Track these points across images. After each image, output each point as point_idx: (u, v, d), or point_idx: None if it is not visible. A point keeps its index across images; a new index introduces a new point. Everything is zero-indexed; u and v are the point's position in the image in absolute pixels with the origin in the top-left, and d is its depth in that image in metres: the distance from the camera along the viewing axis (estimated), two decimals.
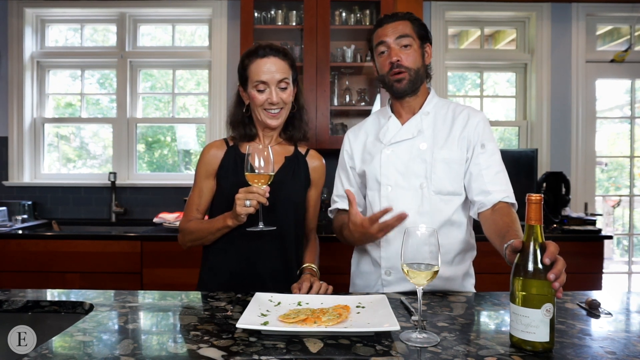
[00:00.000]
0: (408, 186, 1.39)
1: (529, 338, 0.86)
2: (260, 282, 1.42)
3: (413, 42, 1.39)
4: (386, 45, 1.40)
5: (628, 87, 3.41)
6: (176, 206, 3.17)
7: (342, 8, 2.98)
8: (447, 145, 1.39)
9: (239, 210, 1.25)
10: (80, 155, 3.50)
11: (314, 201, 1.56)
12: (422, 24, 1.43)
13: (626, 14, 3.28)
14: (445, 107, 1.46)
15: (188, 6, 3.24)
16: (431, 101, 1.46)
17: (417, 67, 1.39)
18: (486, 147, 1.37)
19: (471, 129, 1.39)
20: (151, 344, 0.91)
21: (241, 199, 1.25)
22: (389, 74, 1.39)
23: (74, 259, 2.55)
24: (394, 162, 1.41)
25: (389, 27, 1.39)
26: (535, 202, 0.89)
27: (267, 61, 1.40)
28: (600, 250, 2.64)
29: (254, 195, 1.24)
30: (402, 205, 1.37)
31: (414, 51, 1.39)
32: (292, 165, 1.50)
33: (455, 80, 3.54)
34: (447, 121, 1.42)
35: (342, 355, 0.85)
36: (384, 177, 1.42)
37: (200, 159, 1.49)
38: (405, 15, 1.42)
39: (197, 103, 3.48)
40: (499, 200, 1.31)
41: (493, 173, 1.35)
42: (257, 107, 1.42)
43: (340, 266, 1.63)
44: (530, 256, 0.88)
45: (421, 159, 1.39)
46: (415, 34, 1.40)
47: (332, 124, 3.01)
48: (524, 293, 0.87)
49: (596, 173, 3.33)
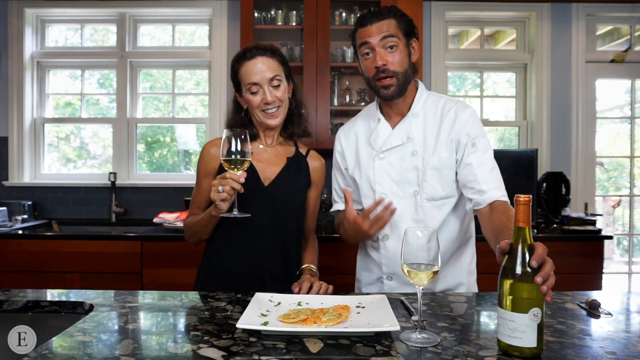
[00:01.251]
0: (402, 194, 1.39)
1: (516, 343, 0.83)
2: (260, 281, 1.42)
3: (399, 42, 1.32)
4: (370, 47, 1.32)
5: (628, 87, 3.41)
6: (176, 206, 3.17)
7: (342, 8, 2.98)
8: (436, 150, 1.36)
9: (212, 196, 1.23)
10: (80, 155, 3.50)
11: (313, 202, 1.56)
12: (408, 18, 1.36)
13: (626, 14, 3.28)
14: (435, 105, 1.41)
15: (188, 6, 3.24)
16: (420, 99, 1.41)
17: (404, 70, 1.33)
18: (477, 146, 1.33)
19: (460, 128, 1.35)
20: (151, 344, 0.91)
21: (216, 185, 1.23)
22: (374, 78, 1.34)
23: (74, 259, 2.55)
24: (388, 170, 1.40)
25: (372, 27, 1.31)
26: (524, 203, 0.86)
27: (255, 62, 1.39)
28: (600, 250, 2.64)
29: (226, 181, 1.21)
30: (397, 213, 1.37)
31: (400, 52, 1.32)
32: (293, 166, 1.50)
33: (455, 80, 3.54)
34: (436, 121, 1.38)
35: (342, 355, 0.85)
36: (379, 185, 1.41)
37: (200, 158, 1.49)
38: (389, 11, 1.33)
39: (197, 103, 3.48)
40: (495, 200, 1.29)
41: (487, 171, 1.32)
42: (254, 109, 1.42)
43: (340, 266, 1.63)
44: (518, 259, 0.85)
45: (413, 167, 1.37)
46: (401, 31, 1.33)
47: (332, 124, 3.01)
48: (510, 297, 0.84)
49: (596, 173, 3.34)
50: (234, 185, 1.21)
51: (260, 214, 1.41)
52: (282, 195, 1.44)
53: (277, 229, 1.44)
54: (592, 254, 2.63)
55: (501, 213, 1.24)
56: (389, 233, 1.41)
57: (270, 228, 1.43)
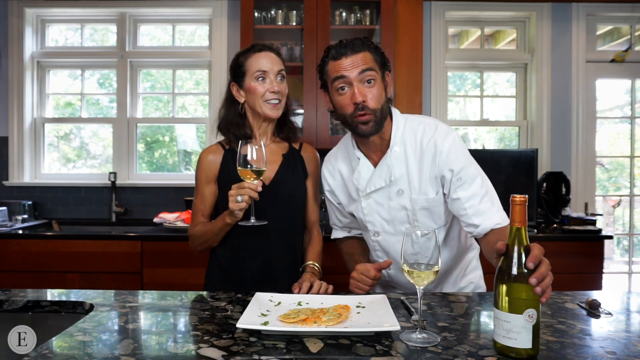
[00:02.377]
0: (395, 232, 1.38)
1: (510, 344, 0.83)
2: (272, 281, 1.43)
3: (376, 75, 1.26)
4: (347, 81, 1.24)
5: (628, 87, 3.41)
6: (176, 206, 3.16)
7: (342, 8, 2.98)
8: (422, 189, 1.32)
9: (232, 206, 1.26)
10: (80, 155, 3.50)
11: (312, 192, 1.56)
12: (381, 51, 1.30)
13: (626, 14, 3.28)
14: (413, 135, 1.33)
15: (188, 6, 3.24)
16: (397, 131, 1.33)
17: (381, 106, 1.27)
18: (463, 179, 1.27)
19: (442, 165, 1.28)
20: (151, 344, 0.91)
21: (233, 195, 1.26)
22: (353, 115, 1.26)
23: (74, 259, 2.55)
24: (377, 210, 1.37)
25: (347, 60, 1.24)
26: (520, 203, 0.85)
27: (264, 55, 1.44)
28: (601, 250, 2.64)
29: (245, 191, 1.24)
30: (393, 248, 1.39)
31: (377, 87, 1.26)
32: (289, 162, 1.51)
33: (455, 80, 3.54)
34: (416, 155, 1.32)
35: (342, 355, 0.85)
36: (370, 224, 1.40)
37: (198, 166, 1.50)
38: (363, 44, 1.26)
39: (197, 103, 3.48)
40: (490, 229, 1.25)
41: (477, 204, 1.26)
42: (258, 98, 1.42)
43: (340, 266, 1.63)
44: (514, 260, 0.84)
45: (401, 206, 1.34)
46: (377, 64, 1.27)
47: (332, 124, 3.01)
48: (506, 297, 0.83)
49: (596, 173, 3.33)
50: (252, 194, 1.24)
51: (266, 214, 1.42)
52: (285, 192, 1.46)
53: (284, 227, 1.46)
54: (592, 254, 2.63)
55: (498, 233, 1.23)
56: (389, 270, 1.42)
57: (277, 226, 1.44)
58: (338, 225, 1.57)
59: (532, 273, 0.83)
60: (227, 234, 1.43)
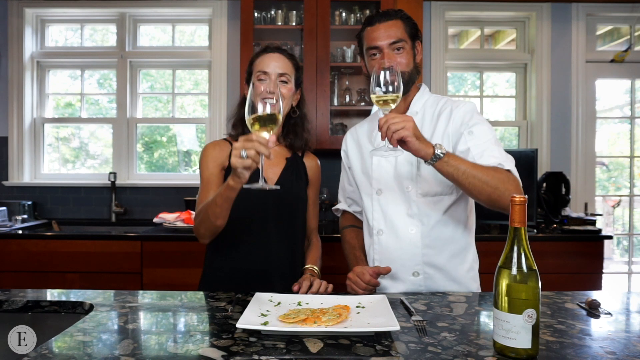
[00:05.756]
0: (397, 188, 1.41)
1: (510, 344, 0.82)
2: (269, 282, 1.40)
3: (406, 45, 1.38)
4: (379, 49, 1.38)
5: (628, 87, 3.41)
6: (176, 206, 3.16)
7: (342, 8, 2.98)
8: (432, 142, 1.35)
9: (233, 161, 1.05)
10: (80, 156, 3.50)
11: (313, 200, 1.58)
12: (413, 22, 1.42)
13: (626, 14, 3.28)
14: (434, 105, 1.44)
15: (188, 6, 3.24)
16: (420, 99, 1.45)
17: (410, 70, 1.39)
18: (474, 133, 1.31)
19: (456, 120, 1.35)
20: (151, 344, 0.91)
21: (238, 148, 1.03)
22: None
23: (74, 259, 2.55)
24: (384, 165, 1.44)
25: (381, 29, 1.37)
26: (519, 203, 0.85)
27: (272, 56, 1.46)
28: (600, 250, 2.64)
29: (252, 144, 1.02)
30: (392, 209, 1.41)
31: (406, 54, 1.38)
32: (293, 166, 1.51)
33: (455, 80, 3.54)
34: (433, 119, 1.41)
35: (342, 355, 0.85)
36: (375, 180, 1.45)
37: (205, 156, 1.47)
38: (397, 13, 1.40)
39: (196, 103, 3.48)
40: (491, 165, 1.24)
41: (482, 149, 1.28)
42: (256, 97, 1.42)
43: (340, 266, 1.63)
44: (514, 259, 0.85)
45: (407, 161, 1.39)
46: (408, 34, 1.39)
47: (332, 124, 3.01)
48: (506, 297, 0.84)
49: (596, 173, 3.33)
50: (261, 149, 1.02)
51: (267, 215, 1.41)
52: (287, 195, 1.45)
53: (284, 229, 1.45)
54: (592, 254, 2.63)
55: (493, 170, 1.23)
56: (383, 228, 1.42)
57: (277, 228, 1.44)
58: (342, 195, 1.65)
59: (532, 274, 0.83)
60: (226, 233, 1.37)
